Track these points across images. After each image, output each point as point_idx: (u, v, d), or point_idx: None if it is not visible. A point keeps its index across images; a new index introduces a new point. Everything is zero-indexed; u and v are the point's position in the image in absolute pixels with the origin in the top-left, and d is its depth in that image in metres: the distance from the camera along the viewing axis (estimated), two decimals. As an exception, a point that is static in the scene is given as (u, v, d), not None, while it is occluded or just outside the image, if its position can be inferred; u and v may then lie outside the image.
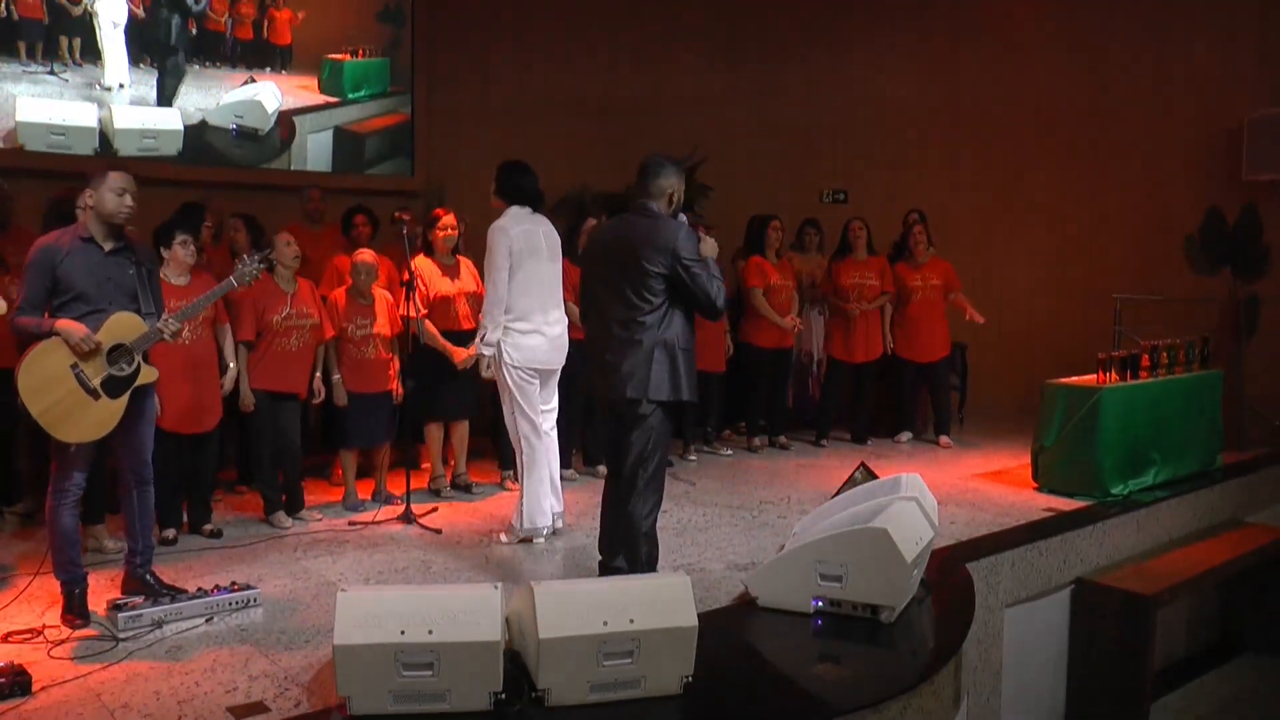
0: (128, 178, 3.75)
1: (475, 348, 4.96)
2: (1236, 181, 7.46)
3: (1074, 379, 5.96)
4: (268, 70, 7.96)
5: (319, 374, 5.30)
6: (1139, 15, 8.09)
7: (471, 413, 5.85)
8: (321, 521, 5.21)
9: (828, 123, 9.22)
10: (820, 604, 3.79)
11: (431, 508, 5.42)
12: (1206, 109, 7.78)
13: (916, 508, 4.00)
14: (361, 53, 8.41)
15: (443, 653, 2.89)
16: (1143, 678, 4.88)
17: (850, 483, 4.94)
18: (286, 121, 8.02)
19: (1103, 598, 4.98)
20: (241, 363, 5.02)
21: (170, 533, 4.80)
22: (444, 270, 5.70)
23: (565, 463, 5.97)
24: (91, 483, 3.90)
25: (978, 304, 7.25)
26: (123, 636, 3.56)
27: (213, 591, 3.86)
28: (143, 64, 7.37)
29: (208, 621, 3.74)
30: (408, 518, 5.18)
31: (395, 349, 5.55)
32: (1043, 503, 5.60)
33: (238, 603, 3.85)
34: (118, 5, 7.19)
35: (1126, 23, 8.14)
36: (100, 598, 3.85)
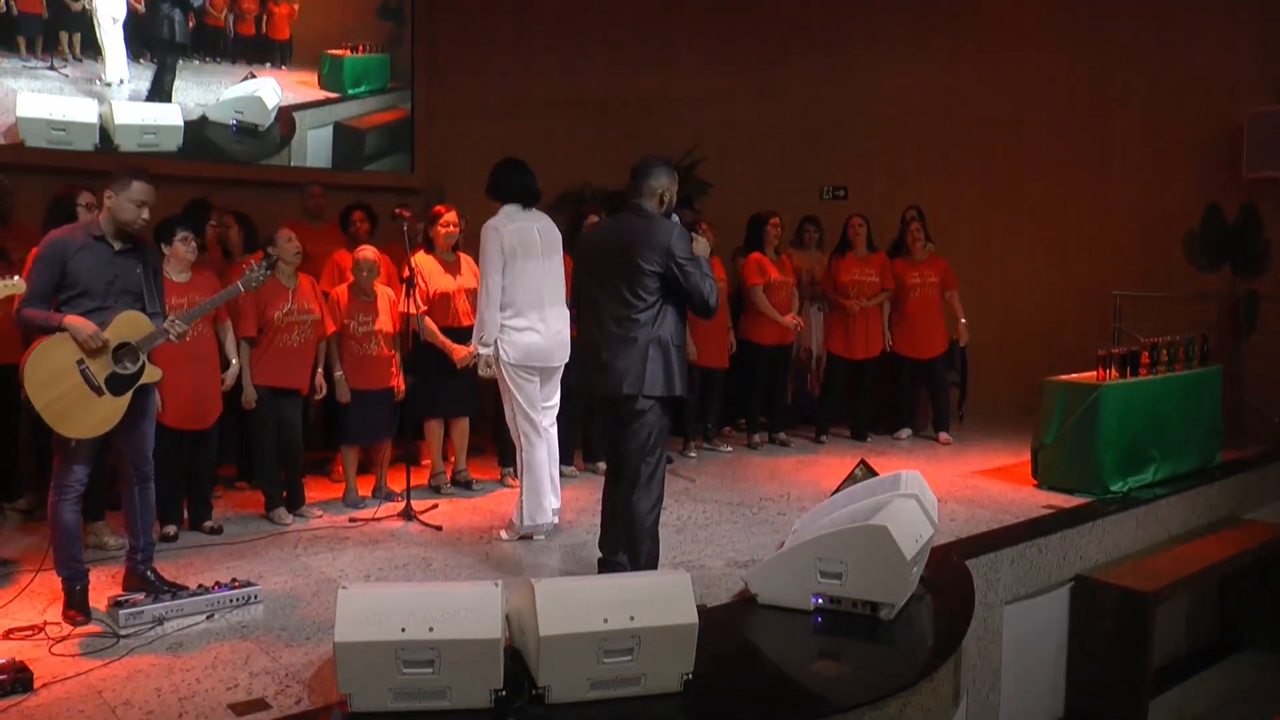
0: (150, 190, 3.78)
1: (473, 347, 4.97)
2: (1237, 179, 7.45)
3: (1074, 376, 5.97)
4: (268, 66, 7.96)
5: (321, 370, 5.31)
6: (1140, 12, 8.07)
7: (472, 410, 5.85)
8: (322, 518, 5.22)
9: (828, 120, 9.22)
10: (820, 601, 3.79)
11: (432, 504, 5.43)
12: (1207, 106, 7.77)
13: (916, 505, 4.01)
14: (362, 48, 8.41)
15: (443, 650, 2.89)
16: (1142, 674, 4.90)
17: (850, 480, 4.95)
18: (286, 117, 8.02)
19: (1102, 594, 4.99)
20: (244, 359, 5.02)
21: (171, 529, 4.80)
22: (445, 267, 5.70)
23: (567, 459, 5.98)
24: (92, 479, 3.90)
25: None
26: (124, 633, 3.57)
27: (214, 588, 3.87)
28: (142, 59, 7.37)
29: (209, 618, 3.74)
30: (408, 514, 5.18)
31: (397, 346, 5.55)
32: (1042, 500, 5.61)
33: (239, 599, 3.86)
34: (117, 1, 7.19)
35: (1127, 19, 8.12)
36: (101, 594, 3.86)
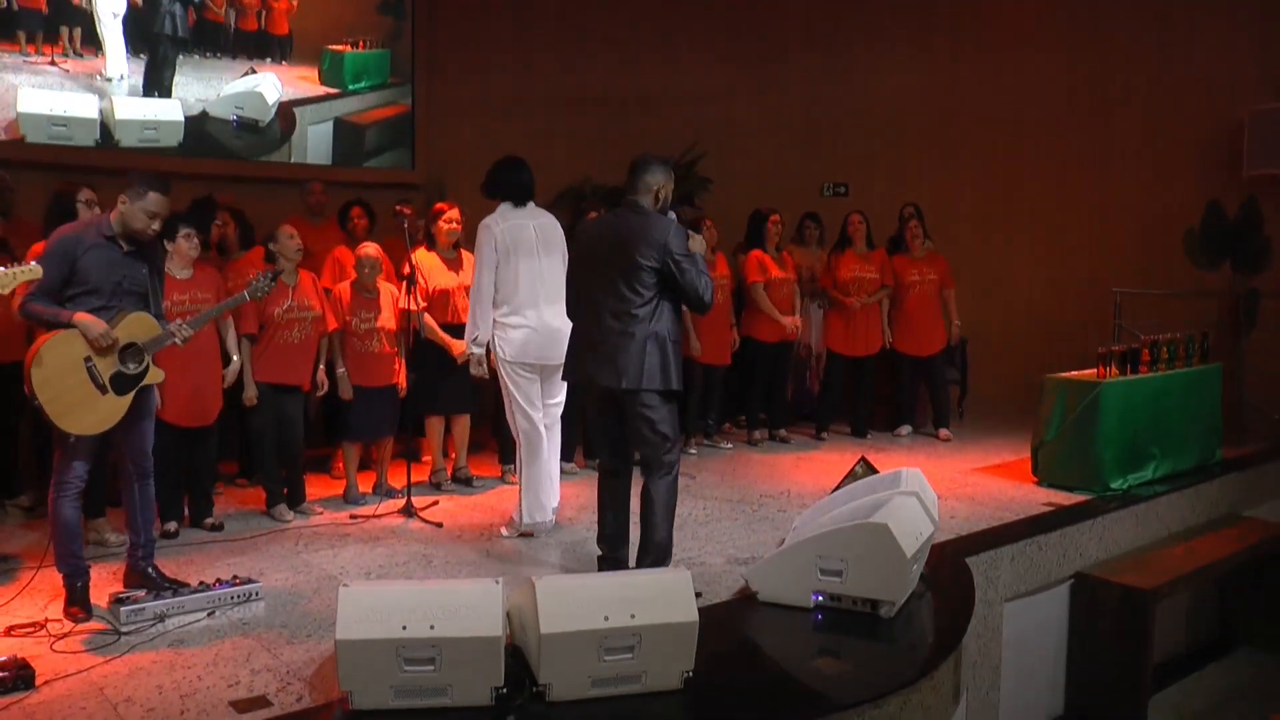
0: (165, 203, 3.81)
1: (466, 345, 4.99)
2: (1237, 176, 7.45)
3: (1074, 373, 5.96)
4: (268, 61, 7.96)
5: (323, 366, 5.32)
6: (1140, 11, 8.07)
7: (472, 406, 5.86)
8: (323, 515, 5.22)
9: (828, 116, 9.21)
10: (820, 598, 3.80)
11: (432, 501, 5.43)
12: (1207, 104, 7.76)
13: (917, 503, 4.01)
14: (362, 44, 8.40)
15: (444, 648, 2.90)
16: (1141, 671, 4.90)
17: (851, 477, 4.95)
18: (286, 112, 8.02)
19: (1102, 592, 4.99)
20: (245, 356, 5.03)
21: (172, 526, 4.81)
22: (446, 263, 5.71)
23: (567, 456, 5.98)
24: (93, 476, 3.92)
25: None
26: (125, 630, 3.58)
27: (215, 585, 3.88)
28: (142, 55, 7.37)
29: (210, 615, 3.75)
30: (409, 511, 5.19)
31: (399, 343, 5.55)
32: (1042, 497, 5.61)
33: (239, 596, 3.86)
34: (117, -5, 7.19)
35: (1127, 19, 8.12)
36: (102, 591, 3.87)
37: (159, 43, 7.41)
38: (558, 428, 4.99)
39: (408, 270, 5.31)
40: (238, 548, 4.67)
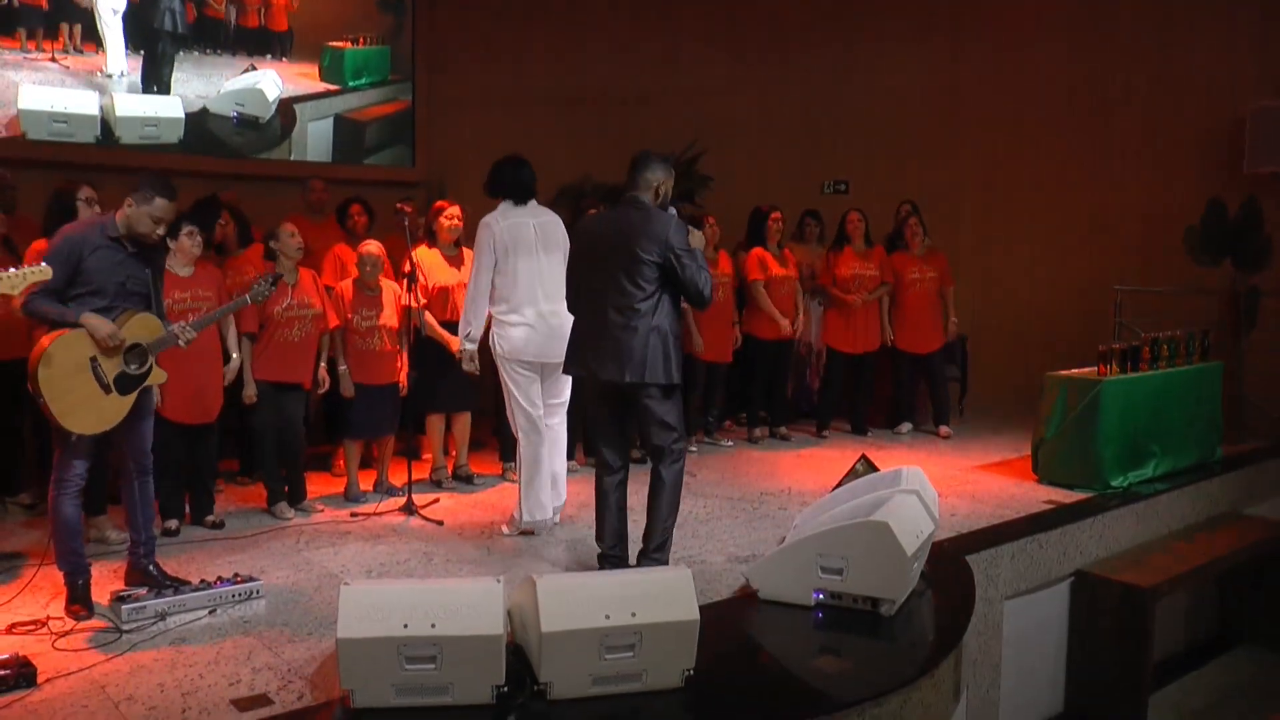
0: (171, 209, 3.83)
1: (460, 341, 5.01)
2: (1238, 174, 7.44)
3: (1075, 371, 5.96)
4: (268, 58, 7.95)
5: (324, 364, 5.31)
6: (1140, 11, 8.06)
7: (473, 404, 5.86)
8: (324, 512, 5.23)
9: (829, 114, 9.20)
10: (821, 597, 3.80)
11: (433, 499, 5.43)
12: (1208, 101, 7.75)
13: (917, 501, 4.02)
14: (362, 40, 8.40)
15: (445, 646, 2.90)
16: (1141, 669, 4.91)
17: (852, 474, 4.95)
18: (287, 109, 8.01)
19: (1102, 590, 5.00)
20: (245, 354, 5.03)
21: (173, 523, 4.81)
22: (448, 260, 5.71)
23: (568, 454, 5.96)
24: (93, 474, 3.92)
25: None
26: (126, 628, 3.58)
27: (216, 583, 3.88)
28: (142, 51, 7.36)
29: (211, 613, 3.75)
30: (410, 509, 5.19)
31: (402, 341, 5.55)
32: (1043, 495, 5.61)
33: (241, 594, 3.86)
34: (117, -8, 7.19)
35: (1128, 19, 8.11)
36: (104, 589, 3.87)
37: (158, 39, 7.41)
38: (563, 427, 5.00)
39: (408, 268, 5.31)
40: (239, 545, 4.67)
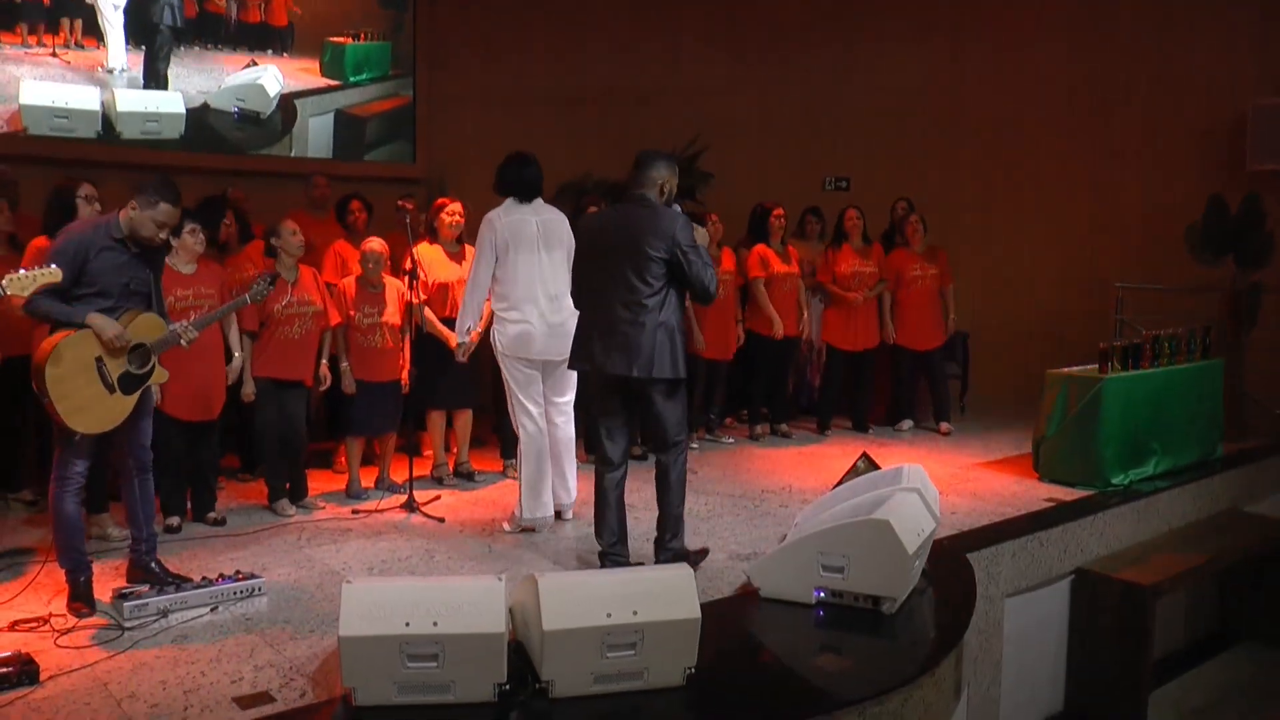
0: (175, 214, 3.84)
1: (455, 335, 5.07)
2: (1239, 171, 7.44)
3: (1076, 368, 5.96)
4: (269, 53, 7.94)
5: (325, 361, 5.31)
6: (1140, 10, 8.06)
7: (474, 401, 5.86)
8: (325, 510, 5.23)
9: (830, 111, 9.19)
10: (822, 595, 3.80)
11: (434, 496, 5.44)
12: (1209, 98, 7.75)
13: (918, 499, 4.02)
14: (363, 36, 8.39)
15: (447, 644, 2.90)
16: (1141, 667, 4.91)
17: (853, 472, 4.96)
18: (288, 104, 8.01)
19: (1103, 588, 5.00)
20: (246, 352, 5.03)
21: (174, 520, 4.81)
22: (450, 256, 5.72)
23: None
24: (94, 472, 3.93)
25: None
26: (129, 626, 3.58)
27: (218, 580, 3.88)
28: (143, 46, 7.35)
29: (213, 611, 3.75)
30: (411, 506, 5.19)
31: (404, 338, 5.55)
32: (1044, 492, 5.61)
33: (243, 592, 3.86)
34: (118, -13, 7.17)
35: (1129, 14, 8.10)
36: (106, 586, 3.88)
37: (155, 34, 7.40)
38: (570, 426, 5.01)
39: (409, 265, 5.31)
40: (240, 542, 4.67)
